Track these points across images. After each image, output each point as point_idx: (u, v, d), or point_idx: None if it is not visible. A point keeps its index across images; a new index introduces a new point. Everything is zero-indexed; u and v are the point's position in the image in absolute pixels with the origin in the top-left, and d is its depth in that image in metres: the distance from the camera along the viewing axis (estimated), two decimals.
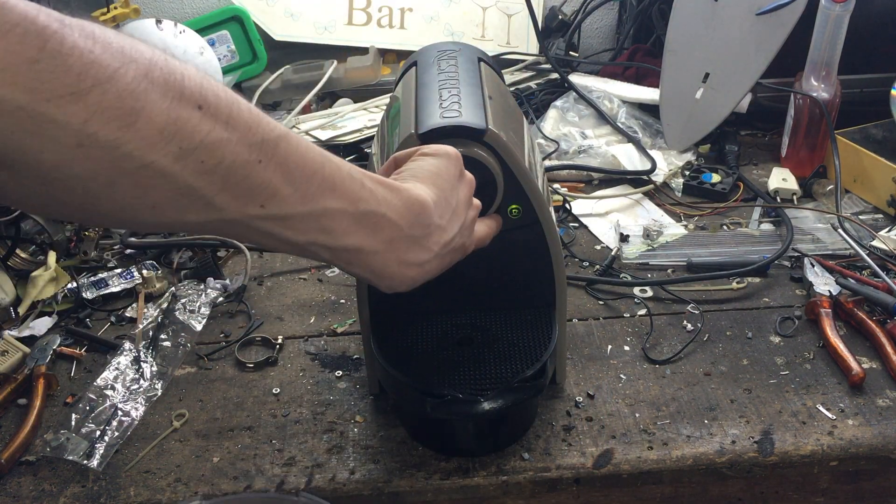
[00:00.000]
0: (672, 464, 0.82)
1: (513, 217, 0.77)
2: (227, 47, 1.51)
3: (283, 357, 0.96)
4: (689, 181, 1.27)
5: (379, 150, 0.85)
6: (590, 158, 1.31)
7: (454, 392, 0.75)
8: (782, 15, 1.22)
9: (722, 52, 1.28)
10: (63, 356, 0.95)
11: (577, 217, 1.21)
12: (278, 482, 0.80)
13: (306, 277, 1.09)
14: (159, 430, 0.86)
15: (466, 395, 0.75)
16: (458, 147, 0.70)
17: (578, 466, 0.81)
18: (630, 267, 1.10)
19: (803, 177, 1.27)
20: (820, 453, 0.83)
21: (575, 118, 1.41)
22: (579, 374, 0.92)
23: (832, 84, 1.24)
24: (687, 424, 0.86)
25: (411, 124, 0.74)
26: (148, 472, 0.81)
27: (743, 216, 1.21)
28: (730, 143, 1.34)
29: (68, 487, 0.79)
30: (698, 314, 1.01)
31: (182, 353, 0.95)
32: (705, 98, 1.31)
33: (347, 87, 1.50)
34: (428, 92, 0.78)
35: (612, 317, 1.01)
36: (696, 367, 0.93)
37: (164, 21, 1.32)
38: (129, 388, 0.91)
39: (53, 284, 1.02)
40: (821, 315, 0.98)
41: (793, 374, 0.92)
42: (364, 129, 1.36)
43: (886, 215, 1.19)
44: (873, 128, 1.28)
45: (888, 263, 1.07)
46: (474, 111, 0.73)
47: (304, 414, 0.88)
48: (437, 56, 0.85)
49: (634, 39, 1.58)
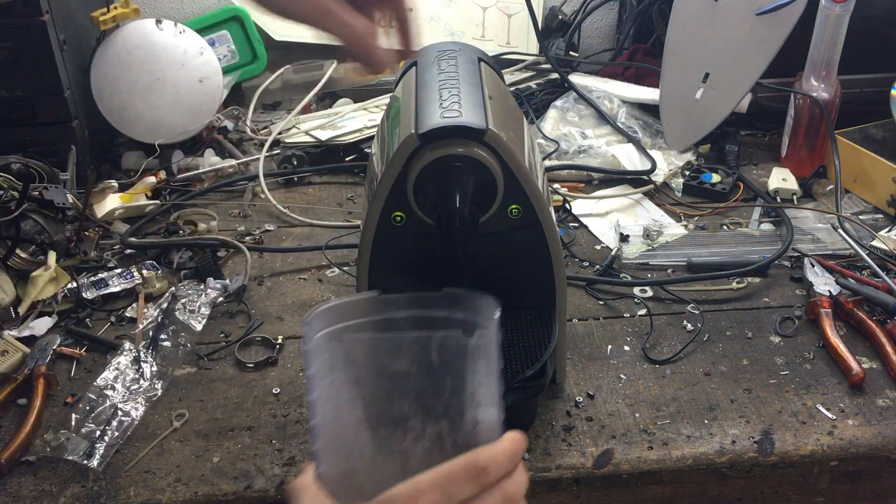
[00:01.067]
0: (672, 464, 0.82)
1: (513, 217, 0.77)
2: (227, 47, 1.51)
3: (283, 357, 0.96)
4: (689, 181, 1.27)
5: (379, 150, 0.85)
6: (590, 158, 1.31)
7: None
8: (782, 15, 1.22)
9: (722, 52, 1.28)
10: (63, 356, 0.95)
11: (577, 217, 1.20)
12: (278, 482, 0.80)
13: (306, 277, 1.09)
14: (159, 430, 0.86)
15: None
16: (458, 147, 0.70)
17: (578, 466, 0.81)
18: (630, 267, 1.10)
19: (803, 177, 1.27)
20: (820, 453, 0.83)
21: (575, 118, 1.41)
22: (579, 374, 0.92)
23: (832, 84, 1.24)
24: (687, 424, 0.86)
25: (411, 124, 0.74)
26: (148, 472, 0.81)
27: (743, 216, 1.21)
28: (730, 143, 1.34)
29: (68, 487, 0.79)
30: (698, 314, 1.01)
31: (182, 353, 0.95)
32: (705, 98, 1.31)
33: (347, 87, 1.50)
34: (428, 92, 0.78)
35: (612, 317, 1.01)
36: (696, 367, 0.93)
37: (164, 21, 1.32)
38: (129, 388, 0.91)
39: (53, 284, 1.02)
40: (821, 315, 0.98)
41: (793, 374, 0.92)
42: (364, 129, 1.36)
43: (886, 215, 1.19)
44: (873, 128, 1.28)
45: (888, 263, 1.07)
46: (474, 111, 0.73)
47: (304, 414, 0.88)
48: (437, 56, 0.85)
49: (634, 39, 1.58)
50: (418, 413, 0.59)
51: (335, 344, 0.61)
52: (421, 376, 0.59)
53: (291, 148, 1.34)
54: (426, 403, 0.59)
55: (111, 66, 1.29)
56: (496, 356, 0.60)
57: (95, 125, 1.30)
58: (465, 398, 0.59)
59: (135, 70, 1.29)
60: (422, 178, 0.72)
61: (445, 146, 0.71)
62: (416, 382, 0.59)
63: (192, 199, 1.25)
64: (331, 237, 1.14)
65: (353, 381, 0.61)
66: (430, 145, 0.72)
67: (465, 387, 0.59)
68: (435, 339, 0.59)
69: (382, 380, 0.60)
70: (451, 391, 0.59)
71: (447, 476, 0.54)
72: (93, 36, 1.31)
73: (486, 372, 0.60)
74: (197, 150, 1.35)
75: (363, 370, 0.61)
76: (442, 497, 0.53)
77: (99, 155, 1.34)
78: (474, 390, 0.59)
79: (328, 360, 0.61)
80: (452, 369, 0.59)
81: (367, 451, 0.60)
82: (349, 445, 0.60)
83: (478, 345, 0.59)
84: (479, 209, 0.74)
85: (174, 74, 1.32)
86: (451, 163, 0.71)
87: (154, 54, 1.31)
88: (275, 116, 1.47)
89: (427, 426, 0.59)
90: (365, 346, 0.61)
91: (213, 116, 1.37)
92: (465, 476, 0.54)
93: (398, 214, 0.76)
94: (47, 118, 1.22)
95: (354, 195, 1.28)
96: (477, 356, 0.59)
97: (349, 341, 0.61)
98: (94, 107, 1.29)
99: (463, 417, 0.59)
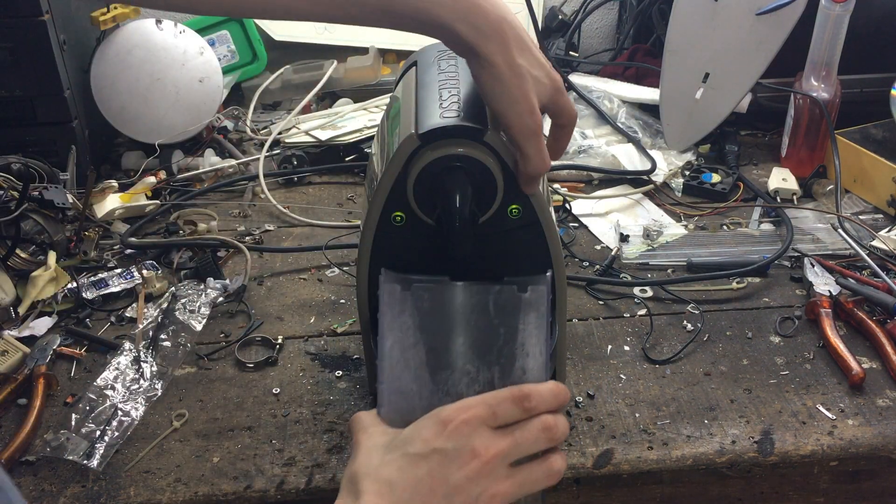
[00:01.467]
0: (672, 464, 0.82)
1: (513, 217, 0.77)
2: (227, 47, 1.51)
3: (283, 357, 0.96)
4: (689, 181, 1.27)
5: (379, 150, 0.85)
6: (590, 158, 1.31)
7: None
8: (782, 15, 1.22)
9: (722, 52, 1.28)
10: (63, 356, 0.95)
11: (577, 217, 1.21)
12: (278, 482, 0.80)
13: (306, 277, 1.09)
14: (159, 430, 0.86)
15: None
16: (458, 147, 0.70)
17: (578, 466, 0.81)
18: (630, 267, 1.10)
19: (803, 177, 1.27)
20: (820, 453, 0.83)
21: None
22: (579, 374, 0.92)
23: (832, 84, 1.24)
24: (687, 424, 0.86)
25: (411, 124, 0.73)
26: (148, 472, 0.81)
27: (743, 216, 1.21)
28: (730, 143, 1.34)
29: (68, 487, 0.79)
30: (698, 314, 1.01)
31: (182, 353, 0.95)
32: (705, 98, 1.31)
33: (347, 87, 1.50)
34: (428, 92, 0.78)
35: (612, 317, 1.01)
36: (696, 367, 0.93)
37: (164, 21, 1.32)
38: (129, 388, 0.91)
39: (53, 284, 1.02)
40: (821, 315, 0.98)
41: (793, 374, 0.92)
42: (364, 129, 1.36)
43: (886, 215, 1.19)
44: (873, 128, 1.28)
45: (888, 263, 1.07)
46: (474, 111, 0.73)
47: (304, 414, 0.88)
48: (438, 56, 0.85)
49: (634, 39, 1.58)
50: (473, 359, 0.67)
51: (406, 293, 0.68)
52: (478, 325, 0.67)
53: (291, 148, 1.34)
54: (481, 351, 0.66)
55: (111, 66, 1.29)
56: (546, 311, 0.67)
57: (95, 125, 1.30)
58: (516, 347, 0.66)
59: (135, 70, 1.29)
60: (422, 178, 0.72)
61: (445, 146, 0.71)
62: (474, 331, 0.67)
63: (192, 199, 1.25)
64: (331, 237, 1.14)
65: (418, 326, 0.67)
66: (430, 145, 0.72)
67: (516, 337, 0.66)
68: (492, 291, 0.67)
69: (444, 327, 0.67)
70: (504, 340, 0.66)
71: (494, 397, 0.61)
72: (93, 36, 1.31)
73: (536, 324, 0.67)
74: (197, 150, 1.35)
75: (428, 317, 0.68)
76: (487, 412, 0.59)
77: (99, 155, 1.34)
78: (524, 340, 0.66)
79: (398, 306, 0.67)
80: (506, 320, 0.67)
81: (426, 392, 0.66)
82: (410, 385, 0.66)
83: (530, 299, 0.67)
84: (479, 209, 0.74)
85: (174, 74, 1.32)
86: (451, 163, 0.71)
87: (154, 54, 1.31)
88: (275, 116, 1.47)
89: (480, 371, 0.66)
90: (431, 295, 0.68)
91: (213, 116, 1.37)
92: (510, 399, 0.60)
93: (398, 214, 0.76)
94: (47, 118, 1.23)
95: (354, 195, 1.28)
96: (529, 309, 0.67)
97: (417, 290, 0.68)
98: (94, 107, 1.29)
99: (513, 365, 0.66)
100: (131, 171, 1.31)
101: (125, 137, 1.34)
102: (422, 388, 0.66)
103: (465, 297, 0.68)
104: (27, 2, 1.15)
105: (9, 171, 1.06)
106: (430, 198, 0.73)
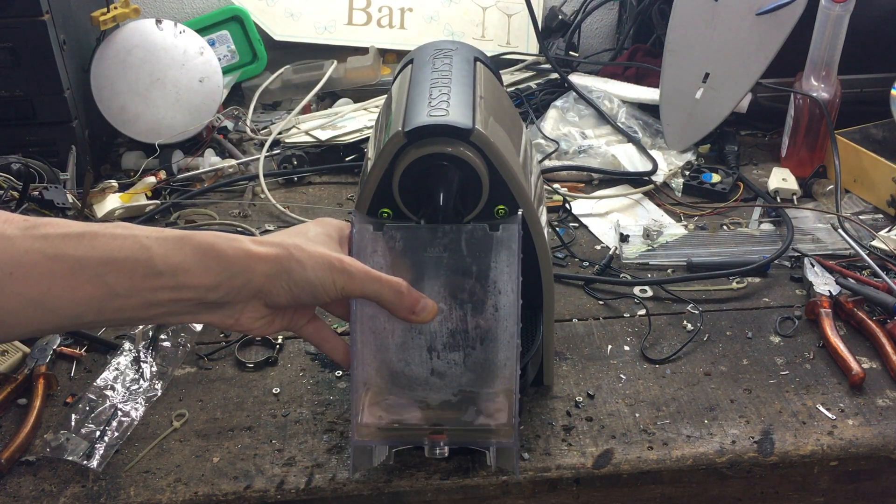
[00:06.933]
0: (672, 464, 0.82)
1: (499, 217, 0.77)
2: (227, 47, 1.51)
3: (283, 357, 0.96)
4: (689, 181, 1.27)
5: (372, 148, 0.85)
6: (590, 158, 1.31)
7: None
8: (782, 15, 1.22)
9: (722, 52, 1.28)
10: (63, 356, 0.95)
11: (577, 217, 1.21)
12: (278, 482, 0.80)
13: None
14: (159, 430, 0.86)
15: None
16: (444, 146, 0.70)
17: (578, 466, 0.81)
18: (630, 267, 1.10)
19: (803, 177, 1.27)
20: (820, 453, 0.83)
21: (575, 118, 1.41)
22: (579, 374, 0.92)
23: (832, 84, 1.24)
24: (687, 424, 0.86)
25: (399, 122, 0.74)
26: (148, 472, 0.81)
27: (743, 216, 1.21)
28: (730, 143, 1.34)
29: (68, 487, 0.79)
30: (698, 314, 1.01)
31: (182, 353, 0.95)
32: (705, 98, 1.31)
33: (347, 87, 1.50)
34: (419, 90, 0.78)
35: (611, 317, 1.01)
36: (696, 367, 0.93)
37: (164, 21, 1.32)
38: (129, 388, 0.91)
39: None
40: (821, 315, 0.98)
41: (793, 374, 0.92)
42: (364, 129, 1.36)
43: (886, 215, 1.19)
44: (873, 128, 1.28)
45: (888, 263, 1.07)
46: (462, 110, 0.73)
47: (304, 414, 0.88)
48: (433, 54, 0.85)
49: (634, 39, 1.58)
50: (446, 297, 0.68)
51: (378, 233, 0.69)
52: (450, 264, 0.69)
53: (291, 148, 1.34)
54: (453, 289, 0.68)
55: (111, 65, 1.29)
56: (517, 249, 0.68)
57: (95, 125, 1.30)
58: (488, 285, 0.68)
59: (135, 70, 1.30)
60: (407, 175, 0.72)
61: (431, 144, 0.71)
62: (446, 269, 0.68)
63: (192, 199, 1.25)
64: None
65: (390, 266, 0.69)
66: (416, 143, 0.72)
67: (488, 274, 0.68)
68: (464, 230, 0.68)
69: (416, 265, 0.68)
70: (476, 278, 0.68)
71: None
72: (93, 36, 1.31)
73: (507, 262, 0.68)
74: (197, 150, 1.35)
75: (400, 257, 0.69)
76: None
77: (99, 155, 1.34)
78: (496, 278, 0.68)
79: (370, 246, 0.69)
80: (478, 258, 0.68)
81: (398, 331, 0.68)
82: (382, 324, 0.68)
83: (501, 237, 0.68)
84: (465, 208, 0.74)
85: (174, 74, 1.32)
86: (437, 161, 0.72)
87: (154, 54, 1.31)
88: (275, 116, 1.47)
89: (453, 309, 0.68)
90: (403, 234, 0.69)
91: (213, 116, 1.37)
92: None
93: (385, 211, 0.76)
94: (47, 118, 1.22)
95: (354, 195, 1.28)
96: (500, 247, 0.68)
97: (389, 229, 0.69)
98: (94, 107, 1.29)
99: (485, 303, 0.68)
100: (131, 171, 1.31)
101: (125, 137, 1.34)
102: (394, 326, 0.68)
103: (437, 236, 0.69)
104: (27, 2, 1.15)
105: (9, 171, 1.06)
106: (416, 195, 0.73)
